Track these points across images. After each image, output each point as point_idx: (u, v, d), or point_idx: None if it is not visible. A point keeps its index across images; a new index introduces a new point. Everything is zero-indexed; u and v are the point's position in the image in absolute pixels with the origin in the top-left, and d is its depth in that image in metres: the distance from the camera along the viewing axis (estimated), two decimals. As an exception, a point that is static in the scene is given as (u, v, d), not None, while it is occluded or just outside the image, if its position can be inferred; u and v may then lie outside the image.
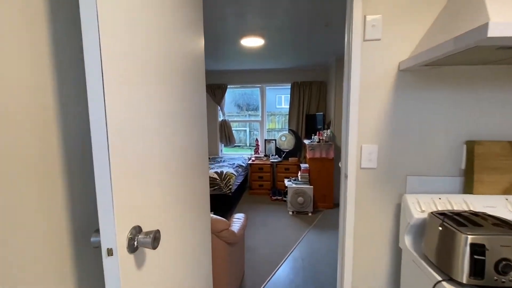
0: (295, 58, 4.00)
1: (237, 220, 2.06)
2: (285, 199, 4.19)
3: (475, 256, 0.80)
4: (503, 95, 1.09)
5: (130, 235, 0.60)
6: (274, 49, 3.47)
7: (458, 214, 0.96)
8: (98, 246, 0.60)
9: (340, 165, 1.39)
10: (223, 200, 3.53)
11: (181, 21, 0.89)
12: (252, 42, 3.09)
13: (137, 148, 0.63)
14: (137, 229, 0.63)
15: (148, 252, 0.68)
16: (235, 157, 4.96)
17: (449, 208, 1.05)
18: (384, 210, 1.20)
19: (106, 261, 0.55)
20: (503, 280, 0.80)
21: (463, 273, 0.82)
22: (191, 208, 1.01)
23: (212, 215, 1.57)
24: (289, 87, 4.82)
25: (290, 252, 2.64)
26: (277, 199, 4.23)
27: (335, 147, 3.86)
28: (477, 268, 0.80)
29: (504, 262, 0.79)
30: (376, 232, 1.22)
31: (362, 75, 1.15)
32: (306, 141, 4.14)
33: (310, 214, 3.63)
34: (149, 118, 0.68)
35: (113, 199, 0.54)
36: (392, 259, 1.22)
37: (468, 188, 1.11)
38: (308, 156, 3.85)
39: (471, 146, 1.10)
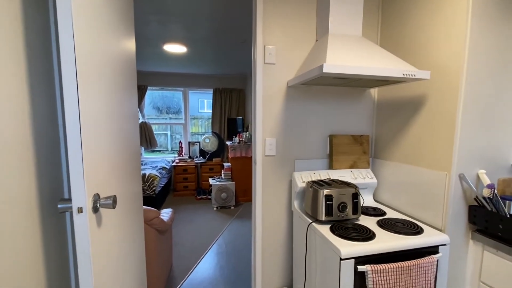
0: (216, 66, 4.36)
1: (165, 213, 2.23)
2: (209, 197, 4.46)
3: (327, 202, 1.31)
4: (346, 106, 1.72)
5: (93, 199, 0.80)
6: (197, 57, 3.73)
7: (322, 181, 1.48)
8: (64, 211, 0.78)
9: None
10: (147, 202, 3.52)
11: (117, 22, 1.10)
12: (175, 48, 3.27)
13: (95, 134, 0.84)
14: (97, 196, 0.83)
15: (104, 214, 0.87)
16: (157, 160, 4.91)
17: (319, 178, 1.59)
18: (282, 185, 1.67)
19: (77, 217, 0.75)
20: (342, 215, 1.34)
21: (322, 214, 1.32)
22: (130, 190, 1.20)
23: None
24: (211, 92, 5.14)
25: (214, 241, 2.93)
26: (202, 198, 4.45)
27: (253, 147, 4.40)
28: (328, 210, 1.32)
29: (342, 204, 1.33)
30: (277, 201, 1.67)
31: (264, 88, 1.59)
32: (228, 143, 4.54)
33: (232, 207, 4.02)
34: (101, 111, 0.89)
35: (84, 171, 0.74)
36: (288, 219, 1.70)
37: (330, 165, 1.70)
38: (230, 156, 4.25)
39: (331, 138, 1.69)
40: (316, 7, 1.61)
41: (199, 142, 5.16)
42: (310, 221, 1.38)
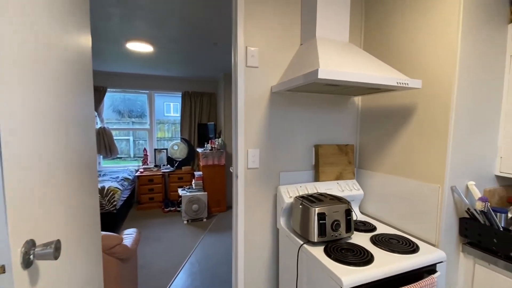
0: (186, 69, 4.09)
1: (128, 236, 1.93)
2: (179, 209, 4.13)
3: (320, 221, 1.19)
4: (331, 114, 1.64)
5: (24, 249, 0.56)
6: (165, 58, 3.45)
7: (311, 196, 1.36)
8: (-25, 270, 0.53)
9: (231, 169, 1.62)
10: (106, 219, 3.11)
11: (67, 11, 0.86)
12: (140, 47, 2.97)
13: (28, 150, 0.60)
14: (30, 244, 0.59)
15: (42, 266, 0.63)
16: (118, 170, 4.44)
17: (306, 192, 1.47)
18: (266, 200, 1.51)
19: (-5, 281, 0.50)
20: (336, 235, 1.22)
21: (314, 234, 1.19)
22: (83, 220, 0.95)
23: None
24: (180, 95, 4.83)
25: (186, 259, 2.66)
26: (170, 211, 4.11)
27: (226, 154, 4.19)
28: (321, 230, 1.19)
29: (335, 222, 1.21)
30: (261, 218, 1.51)
31: (246, 93, 1.43)
32: (199, 150, 4.27)
33: (205, 220, 3.76)
34: (38, 118, 0.65)
35: (6, 208, 0.51)
36: (273, 238, 1.54)
37: (316, 177, 1.59)
38: (201, 163, 3.99)
39: (316, 148, 1.58)
40: (300, 8, 1.51)
41: (166, 149, 4.80)
42: (301, 242, 1.24)
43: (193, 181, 3.98)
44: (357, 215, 1.58)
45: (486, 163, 1.29)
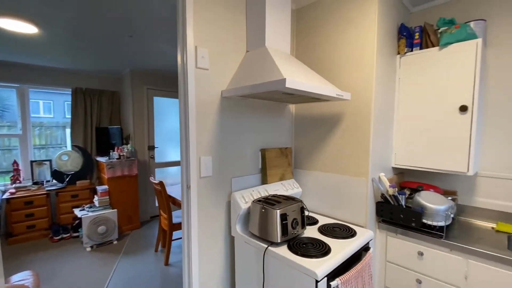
0: (80, 60, 3.34)
1: (23, 282, 1.41)
2: (76, 234, 3.32)
3: (283, 222, 1.25)
4: (272, 120, 1.75)
5: None
6: (52, 44, 2.71)
7: (266, 198, 1.41)
8: None
9: (151, 179, 1.45)
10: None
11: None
12: (17, 26, 2.22)
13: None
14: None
15: None
16: (-31, 194, 3.13)
17: (259, 196, 1.51)
18: (219, 209, 1.45)
19: None
20: (295, 232, 1.31)
21: (278, 235, 1.24)
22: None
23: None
24: (69, 92, 3.90)
25: (101, 294, 2.18)
26: (63, 238, 3.24)
27: (139, 163, 3.69)
28: (283, 230, 1.26)
29: (295, 220, 1.30)
30: (215, 228, 1.44)
31: (196, 97, 1.33)
32: (101, 159, 3.58)
33: (115, 242, 3.17)
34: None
35: None
36: (225, 246, 1.49)
37: (264, 180, 1.65)
38: (106, 175, 3.35)
39: (263, 152, 1.65)
40: (246, 15, 1.53)
41: (50, 160, 3.75)
42: (265, 245, 1.27)
43: (96, 198, 3.29)
44: (309, 212, 1.75)
45: (387, 158, 1.70)
